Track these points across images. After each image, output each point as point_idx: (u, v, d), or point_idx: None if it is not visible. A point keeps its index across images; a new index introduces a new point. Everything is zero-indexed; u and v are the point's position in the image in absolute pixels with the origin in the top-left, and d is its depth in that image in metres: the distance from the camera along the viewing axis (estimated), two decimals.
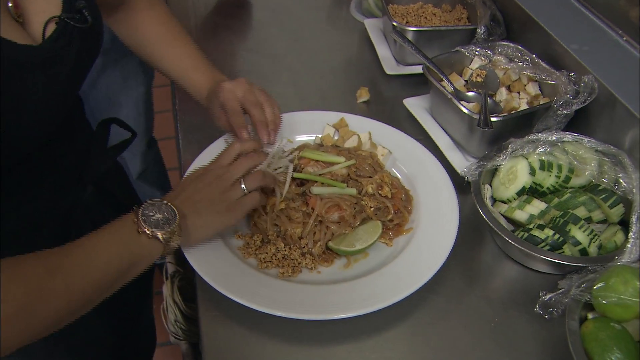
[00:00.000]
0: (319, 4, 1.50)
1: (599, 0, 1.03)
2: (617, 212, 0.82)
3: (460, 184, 0.92)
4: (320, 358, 0.74)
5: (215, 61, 1.01)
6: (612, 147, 0.83)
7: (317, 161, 0.90)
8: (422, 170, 0.95)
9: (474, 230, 0.90)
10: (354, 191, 0.86)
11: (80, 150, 0.87)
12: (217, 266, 0.79)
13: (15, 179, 0.74)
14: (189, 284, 1.68)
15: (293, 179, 0.87)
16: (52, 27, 0.68)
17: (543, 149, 0.86)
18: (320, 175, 0.87)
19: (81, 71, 0.76)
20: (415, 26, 1.18)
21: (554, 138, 0.84)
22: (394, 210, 0.86)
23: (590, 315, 0.72)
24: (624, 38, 0.95)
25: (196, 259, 0.79)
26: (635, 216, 0.76)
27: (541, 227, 0.80)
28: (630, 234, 0.75)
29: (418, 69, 1.13)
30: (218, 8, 1.46)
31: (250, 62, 1.27)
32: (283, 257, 0.81)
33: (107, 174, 0.96)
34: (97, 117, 1.55)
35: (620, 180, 0.82)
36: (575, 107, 0.91)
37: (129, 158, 1.68)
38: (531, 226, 0.81)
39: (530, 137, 0.86)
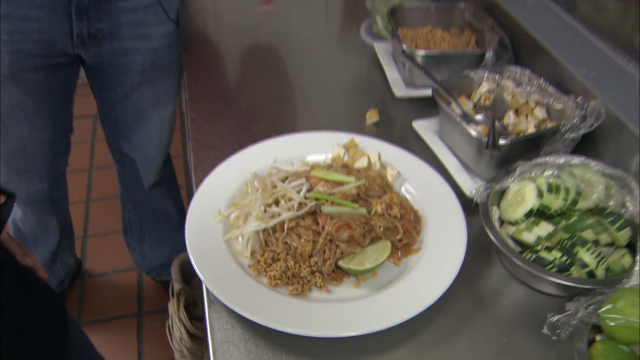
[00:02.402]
0: (329, 26, 1.53)
1: (605, 27, 1.05)
2: (624, 236, 0.83)
3: (468, 206, 0.93)
4: None
5: (225, 77, 1.02)
6: (619, 170, 0.84)
7: (327, 181, 0.91)
8: (431, 192, 0.96)
9: (482, 251, 0.90)
10: (363, 211, 0.87)
11: None
12: (228, 283, 0.80)
13: None
14: (194, 302, 1.69)
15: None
16: None
17: (551, 172, 0.87)
18: (330, 194, 0.89)
19: None
20: (425, 50, 1.20)
21: (562, 161, 0.86)
22: (402, 231, 0.88)
23: (598, 337, 0.72)
24: (631, 64, 0.96)
25: (207, 276, 0.80)
26: None
27: (548, 249, 0.81)
28: (637, 257, 0.76)
29: (427, 92, 1.15)
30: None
31: (260, 81, 1.30)
32: (293, 275, 0.82)
33: None
34: (122, 128, 1.62)
35: (628, 204, 0.83)
36: (582, 132, 0.92)
37: (143, 170, 1.71)
38: (539, 248, 0.82)
39: (538, 160, 0.87)
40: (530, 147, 0.96)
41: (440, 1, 1.36)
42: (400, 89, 1.23)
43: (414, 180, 0.98)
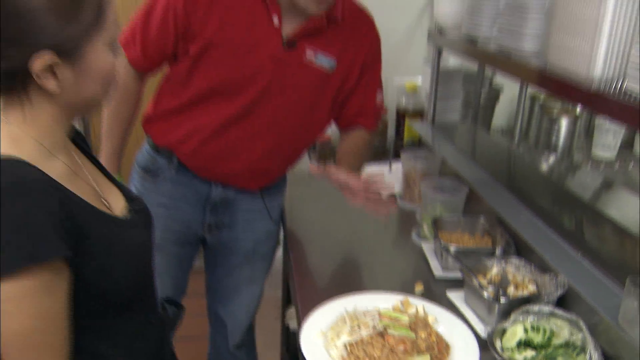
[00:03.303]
0: (390, 232, 2.15)
1: (566, 234, 1.63)
2: (581, 359, 1.30)
3: (484, 345, 1.41)
4: None
5: (317, 256, 1.60)
6: (572, 315, 1.34)
7: (390, 317, 1.44)
8: (457, 332, 1.46)
9: None
10: (413, 335, 1.38)
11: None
12: None
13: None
14: None
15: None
16: (125, 211, 1.13)
17: (533, 318, 1.37)
18: (392, 323, 1.40)
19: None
20: (456, 245, 1.78)
21: (537, 309, 1.37)
22: (437, 350, 1.37)
23: None
24: (579, 254, 1.52)
25: None
26: (587, 358, 1.24)
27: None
28: None
29: (457, 274, 1.69)
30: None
31: (340, 262, 1.88)
32: None
33: None
34: (222, 296, 2.14)
35: (582, 338, 1.31)
36: (556, 296, 1.43)
37: (231, 332, 2.19)
38: None
39: (523, 308, 1.39)
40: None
41: (467, 216, 1.97)
42: (439, 272, 1.78)
43: (445, 324, 1.49)
